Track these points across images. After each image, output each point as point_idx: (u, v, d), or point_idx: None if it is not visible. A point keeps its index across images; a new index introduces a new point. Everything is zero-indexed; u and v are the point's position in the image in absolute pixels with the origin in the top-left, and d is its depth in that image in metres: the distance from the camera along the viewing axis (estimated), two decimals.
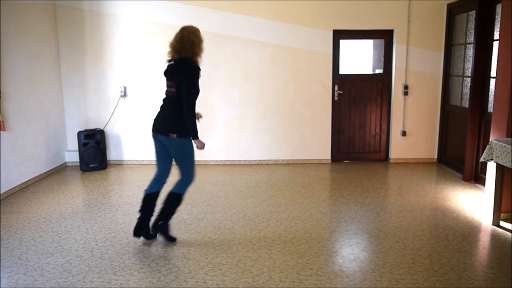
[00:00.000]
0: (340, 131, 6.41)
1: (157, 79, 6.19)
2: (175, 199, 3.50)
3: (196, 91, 3.37)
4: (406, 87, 6.16)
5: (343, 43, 6.23)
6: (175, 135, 3.35)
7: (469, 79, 5.35)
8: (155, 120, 3.50)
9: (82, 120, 6.33)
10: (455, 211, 4.31)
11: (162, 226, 3.56)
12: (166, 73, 3.47)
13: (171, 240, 3.61)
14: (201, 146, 3.41)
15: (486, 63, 5.03)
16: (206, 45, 6.00)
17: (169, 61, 3.45)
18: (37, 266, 3.23)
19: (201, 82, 6.15)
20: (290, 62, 6.13)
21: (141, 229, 3.55)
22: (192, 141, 3.41)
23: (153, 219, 3.59)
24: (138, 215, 3.58)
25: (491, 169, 4.09)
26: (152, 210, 3.58)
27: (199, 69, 3.39)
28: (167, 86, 3.46)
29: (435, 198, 4.72)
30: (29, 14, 5.43)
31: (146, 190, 3.58)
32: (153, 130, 3.50)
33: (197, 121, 3.42)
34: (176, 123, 3.36)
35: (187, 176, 3.49)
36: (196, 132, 3.36)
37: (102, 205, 4.60)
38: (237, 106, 6.24)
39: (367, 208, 4.41)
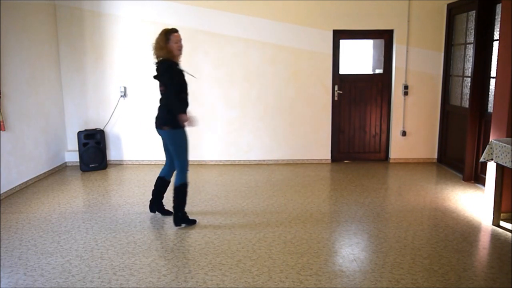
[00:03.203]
0: (340, 131, 6.41)
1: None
2: (179, 191, 3.92)
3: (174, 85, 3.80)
4: (406, 87, 6.16)
5: (343, 43, 6.23)
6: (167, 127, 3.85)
7: (469, 79, 5.35)
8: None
9: (82, 120, 6.33)
10: (455, 211, 4.31)
11: (181, 217, 3.98)
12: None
13: (192, 222, 4.02)
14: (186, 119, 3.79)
15: (486, 63, 5.03)
16: (207, 45, 6.11)
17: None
18: (37, 266, 3.23)
19: (202, 82, 6.20)
20: (290, 62, 6.13)
21: (153, 206, 4.27)
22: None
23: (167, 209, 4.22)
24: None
25: (491, 169, 4.09)
26: (161, 192, 4.21)
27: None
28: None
29: (435, 198, 4.72)
30: (29, 14, 5.43)
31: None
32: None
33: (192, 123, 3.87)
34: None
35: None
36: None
37: (102, 205, 4.60)
38: (237, 106, 6.23)
39: (367, 208, 4.41)
